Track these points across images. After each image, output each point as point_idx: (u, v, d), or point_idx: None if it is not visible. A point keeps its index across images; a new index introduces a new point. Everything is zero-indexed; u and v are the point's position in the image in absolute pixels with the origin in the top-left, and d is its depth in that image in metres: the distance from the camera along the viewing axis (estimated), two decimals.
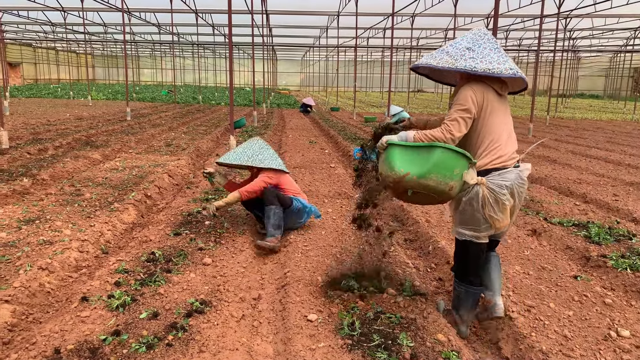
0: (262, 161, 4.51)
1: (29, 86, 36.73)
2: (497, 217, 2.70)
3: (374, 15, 21.26)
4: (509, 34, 26.64)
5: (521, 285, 3.56)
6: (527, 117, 20.54)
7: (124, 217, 4.92)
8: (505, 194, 2.68)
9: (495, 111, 2.80)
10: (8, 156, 7.65)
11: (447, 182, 2.66)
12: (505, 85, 2.86)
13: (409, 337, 2.72)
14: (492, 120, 2.79)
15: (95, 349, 2.54)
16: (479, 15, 21.71)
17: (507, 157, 2.79)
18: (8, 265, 3.59)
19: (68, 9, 20.40)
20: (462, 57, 2.75)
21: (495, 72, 2.68)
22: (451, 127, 2.74)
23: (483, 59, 2.73)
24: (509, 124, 2.89)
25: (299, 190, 4.72)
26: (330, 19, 22.65)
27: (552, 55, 31.94)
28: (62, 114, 16.22)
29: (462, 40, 2.85)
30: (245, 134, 12.17)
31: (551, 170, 8.13)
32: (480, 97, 2.77)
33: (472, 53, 2.76)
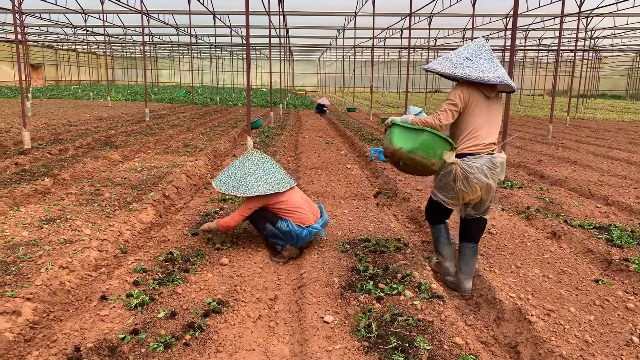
0: (250, 188, 3.95)
1: (50, 87, 37.37)
2: (466, 191, 3.41)
3: (391, 16, 21.19)
4: (528, 34, 26.31)
5: (540, 288, 3.51)
6: (546, 118, 20.26)
7: (142, 217, 4.97)
8: (473, 173, 3.36)
9: (479, 109, 3.45)
10: (30, 156, 7.80)
11: (429, 158, 3.45)
12: (494, 88, 3.49)
13: (426, 339, 2.70)
14: (474, 115, 3.45)
15: (114, 348, 2.57)
16: (498, 15, 21.48)
17: (482, 146, 3.44)
18: (30, 263, 3.65)
19: (89, 11, 20.72)
20: (461, 65, 3.41)
21: (485, 80, 3.33)
22: (440, 116, 3.44)
23: (477, 68, 3.36)
24: (493, 120, 3.51)
25: (299, 206, 4.08)
26: (347, 20, 22.62)
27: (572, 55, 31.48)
28: (82, 114, 16.48)
29: (464, 50, 3.51)
30: (262, 134, 12.22)
31: (571, 171, 8.00)
32: (467, 96, 3.43)
33: (470, 62, 3.40)
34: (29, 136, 8.70)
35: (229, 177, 4.11)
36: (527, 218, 5.34)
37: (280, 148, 9.90)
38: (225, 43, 31.16)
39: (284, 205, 4.04)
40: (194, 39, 27.24)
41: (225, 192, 4.06)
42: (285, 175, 4.18)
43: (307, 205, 4.21)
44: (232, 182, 4.05)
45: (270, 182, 4.02)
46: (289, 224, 3.99)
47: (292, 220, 4.01)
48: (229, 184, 4.05)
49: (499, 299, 3.28)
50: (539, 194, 6.33)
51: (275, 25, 19.42)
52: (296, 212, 4.05)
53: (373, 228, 4.77)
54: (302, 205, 4.12)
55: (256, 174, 4.06)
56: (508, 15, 20.97)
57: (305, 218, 4.06)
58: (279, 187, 4.01)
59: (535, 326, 2.94)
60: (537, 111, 25.38)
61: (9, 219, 4.73)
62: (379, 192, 5.37)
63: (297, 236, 3.98)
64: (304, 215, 4.06)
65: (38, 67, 42.42)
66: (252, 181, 4.00)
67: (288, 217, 4.03)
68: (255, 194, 3.93)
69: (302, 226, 4.01)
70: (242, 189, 3.97)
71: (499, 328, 3.12)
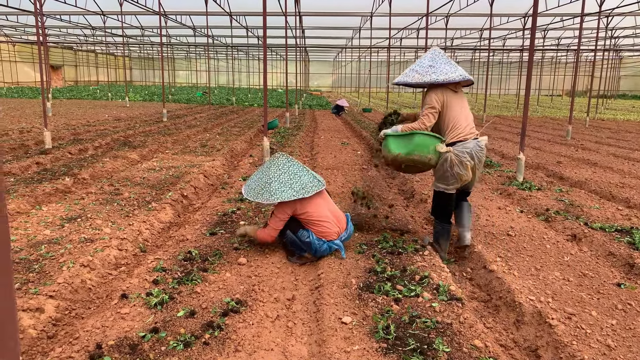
0: (273, 194, 3.82)
1: (69, 88, 37.95)
2: (462, 173, 3.99)
3: (407, 16, 21.10)
4: (547, 33, 25.98)
5: (561, 291, 3.47)
6: (565, 119, 19.99)
7: (161, 216, 5.02)
8: (465, 156, 3.96)
9: (453, 104, 4.08)
10: (51, 156, 7.92)
11: (426, 155, 4.00)
12: (458, 84, 4.15)
13: (445, 342, 2.69)
14: (451, 110, 4.07)
15: (134, 345, 2.60)
16: (516, 15, 21.24)
17: (465, 133, 4.04)
18: (52, 261, 3.72)
19: (107, 12, 20.98)
20: (427, 73, 4.06)
21: (451, 79, 4.00)
22: (424, 120, 4.07)
23: (441, 72, 4.04)
24: (465, 111, 4.12)
25: (324, 219, 3.94)
26: (363, 20, 22.58)
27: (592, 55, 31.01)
28: (101, 115, 16.70)
29: (425, 59, 4.17)
30: (278, 134, 12.26)
31: (591, 173, 7.88)
32: (442, 97, 4.06)
33: (433, 69, 4.06)
34: (49, 136, 8.84)
35: (255, 182, 4.00)
36: (547, 220, 5.28)
37: (296, 148, 9.92)
38: (241, 44, 31.31)
39: (309, 216, 3.90)
40: (210, 39, 27.42)
41: (251, 200, 3.96)
42: (313, 178, 4.00)
43: (334, 216, 4.04)
44: (257, 188, 3.94)
45: (295, 187, 3.86)
46: (310, 234, 3.89)
47: (315, 232, 3.90)
48: (255, 190, 3.94)
49: (519, 301, 3.25)
50: (559, 196, 6.25)
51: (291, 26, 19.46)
52: (320, 224, 3.91)
53: (390, 229, 4.76)
54: (327, 218, 3.96)
55: (281, 179, 3.90)
56: (527, 15, 20.74)
57: (328, 232, 3.92)
58: (304, 192, 3.84)
59: (556, 330, 2.90)
60: (555, 112, 25.07)
61: (31, 218, 4.82)
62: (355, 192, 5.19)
63: (316, 250, 3.90)
64: (327, 229, 3.92)
65: (58, 68, 43.10)
66: (276, 186, 3.85)
67: (311, 228, 3.92)
68: (279, 200, 3.79)
69: (323, 240, 3.90)
70: (265, 195, 3.84)
71: (519, 331, 3.09)
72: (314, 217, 3.91)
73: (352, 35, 28.03)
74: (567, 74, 41.90)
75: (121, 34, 24.51)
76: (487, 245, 4.39)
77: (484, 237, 4.59)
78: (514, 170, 7.70)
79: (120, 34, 27.18)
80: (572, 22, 22.04)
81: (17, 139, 9.78)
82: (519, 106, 26.87)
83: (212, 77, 50.61)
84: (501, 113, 23.35)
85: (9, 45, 36.46)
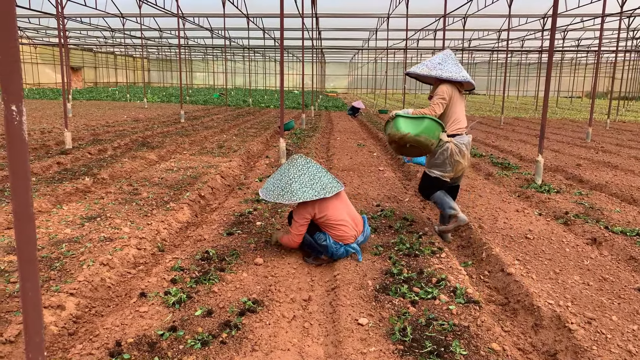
0: (294, 194, 3.80)
1: (89, 89, 38.54)
2: (460, 161, 4.50)
3: (424, 17, 21.00)
4: (567, 34, 25.65)
5: (581, 296, 3.42)
6: (585, 121, 19.71)
7: (179, 216, 5.07)
8: (463, 148, 4.49)
9: (457, 101, 4.57)
10: (71, 156, 8.06)
11: (431, 139, 4.40)
12: (461, 86, 4.63)
13: (462, 345, 2.67)
14: (455, 105, 4.57)
15: (153, 344, 2.63)
16: (535, 15, 21.02)
17: (463, 128, 4.58)
18: (72, 260, 3.78)
19: (127, 14, 21.27)
20: (435, 68, 4.54)
21: (453, 78, 4.48)
22: (434, 107, 4.49)
23: (447, 70, 4.52)
24: (464, 109, 4.65)
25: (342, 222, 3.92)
26: (379, 21, 22.53)
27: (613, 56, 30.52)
28: (119, 115, 16.93)
29: (436, 57, 4.66)
30: (294, 136, 12.29)
31: (612, 176, 7.76)
32: (450, 92, 4.54)
33: (441, 66, 4.55)
34: (70, 137, 8.99)
35: (273, 184, 3.95)
36: (566, 223, 5.21)
37: (312, 150, 9.93)
38: (258, 45, 31.48)
39: (328, 219, 3.88)
40: (227, 41, 27.62)
41: (270, 201, 3.87)
42: (332, 179, 4.02)
43: (352, 219, 4.02)
44: (277, 189, 3.88)
45: (316, 187, 3.84)
46: (327, 238, 3.89)
47: (332, 236, 3.90)
48: (274, 192, 3.89)
49: (537, 305, 3.21)
50: (578, 199, 6.16)
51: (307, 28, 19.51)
52: (338, 227, 3.89)
53: (406, 230, 4.74)
54: (345, 221, 3.93)
55: (301, 180, 3.87)
56: (546, 16, 20.50)
57: (346, 236, 3.92)
58: (324, 193, 3.83)
59: (576, 334, 2.86)
60: (575, 114, 24.72)
61: (52, 217, 4.91)
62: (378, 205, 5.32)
63: (332, 254, 3.90)
64: (344, 233, 3.91)
65: (78, 69, 43.80)
66: (297, 187, 3.82)
67: (328, 231, 3.91)
68: (301, 200, 3.76)
69: (340, 243, 3.90)
70: (286, 196, 3.80)
71: (537, 335, 3.05)
72: (332, 220, 3.88)
73: (369, 37, 28.01)
74: (587, 76, 41.31)
75: (140, 35, 24.81)
76: (504, 248, 4.35)
77: (501, 240, 4.55)
78: (532, 172, 7.62)
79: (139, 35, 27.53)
80: (592, 22, 21.73)
81: (38, 139, 9.96)
82: (538, 108, 26.56)
83: (229, 78, 50.97)
84: (519, 115, 23.10)
85: (31, 48, 37.16)
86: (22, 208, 1.39)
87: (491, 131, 15.13)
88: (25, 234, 1.41)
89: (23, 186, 1.38)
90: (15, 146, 1.35)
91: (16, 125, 1.33)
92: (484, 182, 7.17)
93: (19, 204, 1.38)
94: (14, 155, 1.36)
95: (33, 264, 1.45)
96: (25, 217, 1.40)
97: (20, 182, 1.37)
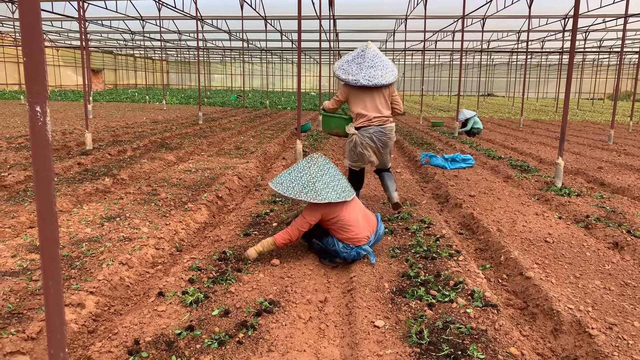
0: (319, 194, 3.68)
1: (109, 91, 39.12)
2: (365, 153, 4.98)
3: (443, 18, 20.85)
4: (588, 35, 25.24)
5: (602, 301, 3.36)
6: (607, 123, 19.38)
7: (196, 216, 5.12)
8: (366, 139, 4.95)
9: (358, 98, 4.97)
10: (92, 157, 8.19)
11: (344, 132, 5.12)
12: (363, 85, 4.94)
13: (480, 348, 2.64)
14: (355, 103, 5.00)
15: (170, 342, 2.66)
16: (556, 16, 20.72)
17: (370, 121, 4.95)
18: (92, 259, 3.84)
19: (146, 17, 21.53)
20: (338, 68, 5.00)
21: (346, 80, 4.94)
22: (334, 101, 5.16)
23: (345, 71, 4.95)
24: (375, 103, 4.96)
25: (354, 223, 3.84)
26: (397, 23, 22.44)
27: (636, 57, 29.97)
28: (139, 117, 17.14)
29: (349, 55, 5.08)
30: (310, 137, 12.31)
31: (635, 179, 7.61)
32: (346, 91, 5.04)
33: (346, 65, 4.99)
34: (90, 138, 9.14)
35: (292, 180, 3.79)
36: (587, 227, 5.12)
37: (329, 151, 9.94)
38: (275, 47, 31.60)
39: (339, 220, 3.78)
40: (245, 43, 27.80)
41: (289, 196, 3.72)
42: (348, 183, 3.97)
43: (364, 219, 3.94)
44: (298, 186, 3.73)
45: (337, 189, 3.75)
46: (335, 242, 3.81)
47: (342, 239, 3.81)
48: (294, 188, 3.73)
49: (557, 309, 3.16)
50: (599, 202, 6.06)
51: (325, 29, 19.52)
52: (350, 229, 3.79)
53: (423, 233, 4.72)
54: (357, 222, 3.84)
55: (323, 179, 3.77)
56: (567, 16, 20.21)
57: (357, 238, 3.83)
58: (345, 196, 3.74)
59: (596, 340, 2.81)
60: (597, 116, 24.31)
61: (72, 216, 4.99)
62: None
63: (344, 258, 3.84)
64: (356, 235, 3.82)
65: (98, 71, 44.49)
66: (321, 187, 3.69)
67: (339, 233, 3.82)
68: (325, 200, 3.66)
69: (350, 246, 3.82)
70: (310, 195, 3.67)
71: (557, 340, 3.01)
72: (344, 221, 3.79)
73: (386, 38, 27.90)
74: (609, 77, 40.61)
75: (159, 38, 25.10)
76: (523, 251, 4.30)
77: (520, 243, 4.50)
78: (552, 175, 7.51)
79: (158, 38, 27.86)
80: (615, 23, 21.36)
81: (59, 140, 10.15)
82: (558, 110, 26.19)
83: (247, 80, 51.26)
84: (539, 117, 22.80)
85: (53, 50, 37.86)
86: (46, 206, 1.42)
87: (510, 133, 14.97)
88: (48, 232, 1.44)
89: (46, 185, 1.41)
90: (39, 146, 1.38)
91: (40, 126, 1.36)
92: (502, 184, 7.09)
93: (42, 202, 1.41)
94: (38, 155, 1.38)
95: (55, 261, 1.47)
96: (49, 215, 1.43)
97: (43, 181, 1.40)
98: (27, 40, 1.34)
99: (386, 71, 4.91)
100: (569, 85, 6.55)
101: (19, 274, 3.50)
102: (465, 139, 12.69)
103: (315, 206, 3.82)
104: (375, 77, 4.85)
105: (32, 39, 1.34)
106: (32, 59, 1.35)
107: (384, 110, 4.98)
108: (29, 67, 1.34)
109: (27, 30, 1.33)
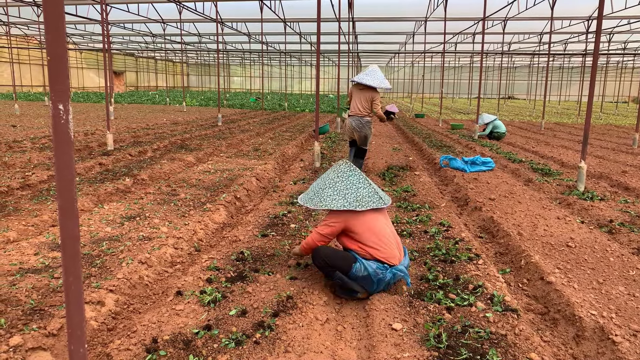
0: (323, 200, 3.40)
1: (130, 93, 39.68)
2: (351, 130, 7.53)
3: (463, 20, 20.69)
4: (612, 37, 24.79)
5: (626, 307, 3.28)
6: (631, 127, 18.98)
7: (215, 217, 5.15)
8: (349, 123, 7.53)
9: (353, 95, 7.47)
10: (112, 157, 8.30)
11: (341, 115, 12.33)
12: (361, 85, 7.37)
13: (499, 353, 2.60)
14: (354, 99, 7.44)
15: (188, 341, 2.67)
16: (579, 18, 20.39)
17: (355, 112, 7.42)
18: (112, 257, 3.88)
19: (167, 20, 21.81)
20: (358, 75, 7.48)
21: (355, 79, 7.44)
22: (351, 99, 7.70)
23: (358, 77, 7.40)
24: (358, 102, 7.39)
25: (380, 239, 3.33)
26: (417, 25, 22.34)
27: None
28: (159, 118, 17.35)
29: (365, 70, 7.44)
30: (328, 139, 12.30)
31: None
32: (351, 90, 7.57)
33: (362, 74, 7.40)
34: (112, 138, 9.27)
35: (312, 188, 3.61)
36: (610, 232, 5.02)
37: (347, 154, 9.91)
38: (294, 50, 31.71)
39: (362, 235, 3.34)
40: (264, 46, 27.95)
41: (301, 204, 3.60)
42: (373, 193, 3.46)
43: (394, 237, 3.46)
44: (311, 193, 3.55)
45: (349, 198, 3.38)
46: (366, 266, 3.26)
47: (375, 256, 3.30)
48: (307, 195, 3.56)
49: (579, 315, 3.10)
50: (624, 207, 5.93)
51: (344, 32, 19.52)
52: (380, 244, 3.32)
53: (442, 236, 4.67)
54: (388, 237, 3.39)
55: (336, 186, 3.46)
56: (590, 18, 19.88)
57: (391, 255, 3.33)
58: (357, 205, 3.33)
59: (620, 347, 2.75)
60: (621, 119, 23.84)
61: (93, 215, 5.06)
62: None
63: (378, 281, 3.27)
64: (390, 251, 3.33)
65: (120, 73, 45.19)
66: (329, 193, 3.43)
67: (370, 250, 3.31)
68: (327, 207, 3.36)
69: (385, 266, 3.29)
70: (315, 200, 3.45)
71: (579, 347, 2.94)
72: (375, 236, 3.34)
73: (406, 40, 27.79)
74: (634, 80, 39.82)
75: (180, 41, 25.39)
76: (544, 256, 4.22)
77: (541, 248, 4.42)
78: (574, 179, 7.38)
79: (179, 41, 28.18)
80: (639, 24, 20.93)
81: (82, 141, 10.32)
82: (581, 113, 25.75)
83: (266, 83, 51.52)
84: (561, 120, 22.45)
85: (77, 53, 38.59)
86: (67, 203, 1.43)
87: (531, 136, 14.76)
88: (70, 228, 1.45)
89: (68, 182, 1.43)
90: (62, 143, 1.39)
91: (63, 124, 1.38)
92: (523, 188, 6.98)
93: (64, 199, 1.43)
94: (60, 153, 1.40)
95: (76, 259, 1.49)
96: (70, 212, 1.44)
97: (65, 179, 1.42)
98: (51, 40, 1.36)
99: (372, 78, 7.16)
100: (592, 88, 6.43)
101: (41, 272, 3.56)
102: (486, 142, 12.55)
103: (334, 215, 3.46)
104: (362, 79, 7.20)
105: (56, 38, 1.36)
106: (55, 58, 1.36)
107: (361, 108, 7.37)
108: (53, 66, 1.36)
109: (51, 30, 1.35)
